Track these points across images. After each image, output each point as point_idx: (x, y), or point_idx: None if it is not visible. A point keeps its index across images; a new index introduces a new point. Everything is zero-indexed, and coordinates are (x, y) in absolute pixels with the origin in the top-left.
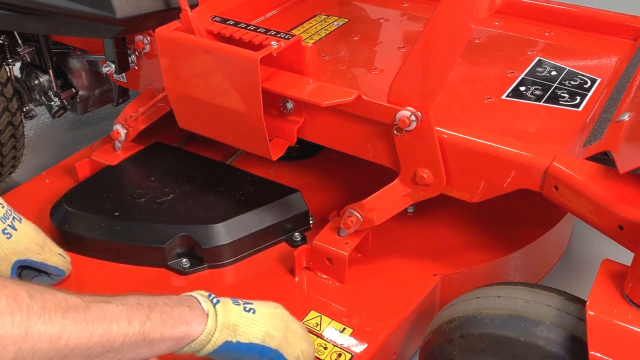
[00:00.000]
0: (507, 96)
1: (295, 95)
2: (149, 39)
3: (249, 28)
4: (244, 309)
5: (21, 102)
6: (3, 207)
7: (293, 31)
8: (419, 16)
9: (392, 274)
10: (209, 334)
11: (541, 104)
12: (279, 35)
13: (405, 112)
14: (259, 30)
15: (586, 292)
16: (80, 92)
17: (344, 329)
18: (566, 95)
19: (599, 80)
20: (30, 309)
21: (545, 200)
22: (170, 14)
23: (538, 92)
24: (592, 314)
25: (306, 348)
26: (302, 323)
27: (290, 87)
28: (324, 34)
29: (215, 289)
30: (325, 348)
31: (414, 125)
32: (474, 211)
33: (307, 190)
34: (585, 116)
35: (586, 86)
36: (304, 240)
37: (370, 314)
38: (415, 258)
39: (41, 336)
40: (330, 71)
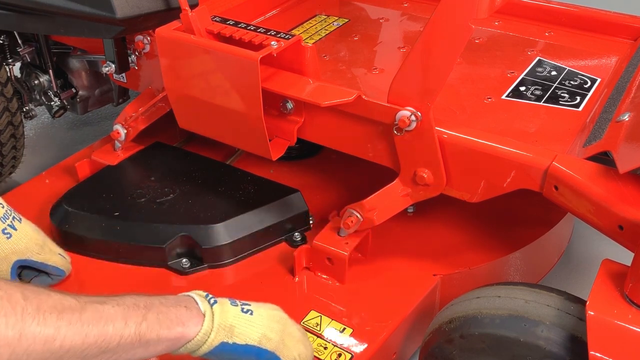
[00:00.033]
0: (507, 96)
1: (295, 95)
2: (149, 39)
3: (249, 28)
4: (242, 310)
5: (21, 102)
6: (3, 207)
7: (293, 31)
8: (419, 16)
9: (392, 274)
10: (205, 334)
11: (541, 104)
12: (279, 35)
13: (405, 112)
14: (259, 30)
15: (586, 292)
16: (80, 92)
17: (344, 329)
18: (566, 95)
19: (599, 80)
20: (25, 310)
21: (545, 200)
22: (170, 14)
23: (538, 92)
24: (592, 314)
25: (303, 351)
26: (300, 326)
27: (290, 87)
28: (324, 34)
29: (215, 289)
30: (325, 348)
31: (414, 125)
32: (474, 211)
33: (307, 190)
34: (585, 116)
35: (586, 86)
36: (304, 240)
37: (370, 314)
38: (415, 258)
39: (35, 338)
40: (330, 71)
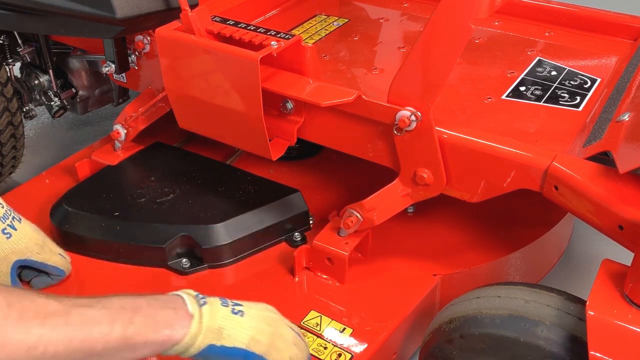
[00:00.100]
0: (507, 96)
1: (295, 95)
2: (149, 39)
3: (249, 28)
4: (232, 311)
5: (21, 102)
6: (2, 207)
7: (293, 31)
8: (419, 16)
9: (392, 274)
10: (192, 337)
11: (541, 104)
12: (279, 35)
13: (405, 112)
14: (259, 30)
15: (586, 292)
16: (80, 92)
17: (344, 329)
18: (566, 95)
19: (599, 80)
20: (8, 317)
21: (545, 200)
22: (170, 14)
23: (538, 92)
24: (592, 314)
25: (297, 353)
26: (296, 326)
27: (290, 87)
28: (324, 34)
29: (215, 289)
30: (325, 348)
31: (414, 125)
32: (474, 211)
33: (307, 190)
34: (585, 116)
35: (586, 86)
36: (304, 240)
37: (370, 314)
38: (415, 258)
39: (18, 345)
40: (330, 71)
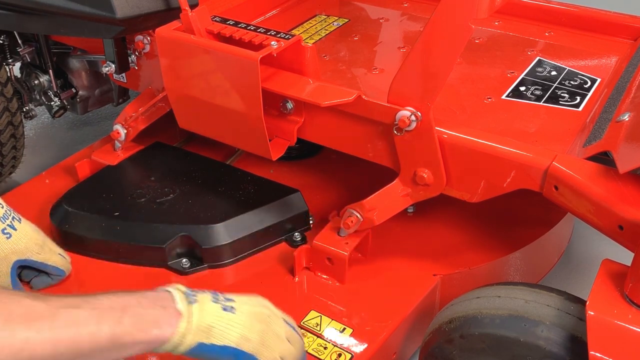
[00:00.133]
0: (507, 96)
1: (295, 95)
2: (149, 39)
3: (249, 28)
4: (223, 308)
5: (21, 102)
6: (2, 207)
7: (293, 31)
8: (419, 16)
9: (392, 274)
10: (181, 336)
11: (541, 104)
12: (279, 35)
13: (405, 112)
14: (259, 30)
15: (586, 292)
16: (80, 92)
17: (344, 329)
18: (566, 95)
19: (599, 80)
20: None
21: (545, 200)
22: (170, 14)
23: (538, 92)
24: (592, 314)
25: (288, 350)
26: (290, 318)
27: (290, 87)
28: (324, 34)
29: (215, 289)
30: (325, 348)
31: (414, 125)
32: (474, 211)
33: (307, 190)
34: (585, 116)
35: (586, 86)
36: (304, 240)
37: (370, 314)
38: (415, 258)
39: (3, 349)
40: (330, 71)
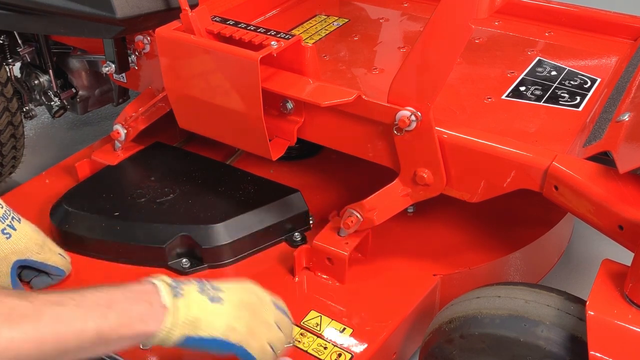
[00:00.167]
0: (507, 96)
1: (295, 95)
2: (149, 39)
3: (249, 28)
4: (210, 298)
5: (21, 102)
6: (2, 207)
7: (293, 31)
8: (419, 16)
9: (392, 274)
10: (167, 331)
11: (541, 104)
12: (279, 35)
13: (405, 112)
14: (259, 30)
15: (586, 292)
16: (80, 92)
17: (344, 329)
18: (566, 95)
19: (599, 80)
20: None
21: (545, 200)
22: (170, 14)
23: (538, 92)
24: (592, 314)
25: (277, 337)
26: (281, 300)
27: (290, 87)
28: (324, 34)
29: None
30: (325, 348)
31: (414, 125)
32: (474, 211)
33: (307, 190)
34: (585, 116)
35: (586, 86)
36: (304, 240)
37: (370, 314)
38: (415, 258)
39: None
40: (330, 71)
